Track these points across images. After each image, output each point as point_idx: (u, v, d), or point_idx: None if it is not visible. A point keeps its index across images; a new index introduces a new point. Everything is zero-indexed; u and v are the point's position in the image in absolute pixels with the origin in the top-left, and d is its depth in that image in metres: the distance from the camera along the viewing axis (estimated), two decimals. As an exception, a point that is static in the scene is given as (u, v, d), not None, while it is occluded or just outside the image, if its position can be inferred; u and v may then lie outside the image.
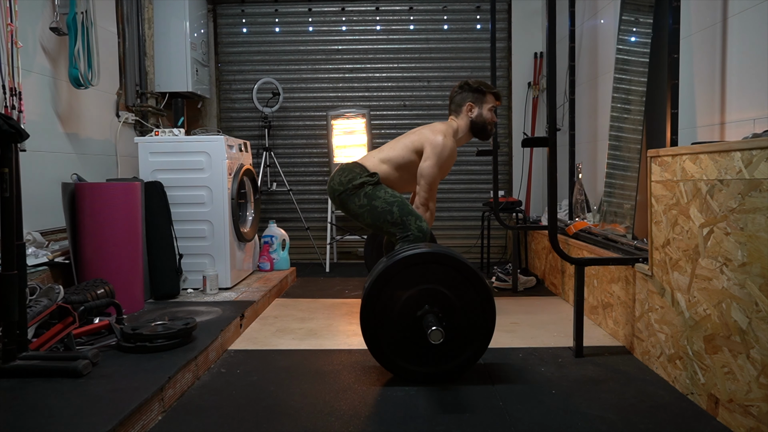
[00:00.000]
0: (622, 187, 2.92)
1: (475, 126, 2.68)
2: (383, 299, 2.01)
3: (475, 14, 4.78)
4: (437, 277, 2.01)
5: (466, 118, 2.67)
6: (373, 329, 2.02)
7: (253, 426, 1.72)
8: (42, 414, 1.60)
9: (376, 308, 2.01)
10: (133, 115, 3.85)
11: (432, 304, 1.99)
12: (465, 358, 2.04)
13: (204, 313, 2.72)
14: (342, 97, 4.86)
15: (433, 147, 2.53)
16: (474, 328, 2.03)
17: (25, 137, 1.93)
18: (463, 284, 2.01)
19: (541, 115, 4.63)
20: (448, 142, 2.56)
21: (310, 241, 4.73)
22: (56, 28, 2.98)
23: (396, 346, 2.03)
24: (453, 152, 2.59)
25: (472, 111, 2.65)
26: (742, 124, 2.15)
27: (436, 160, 2.53)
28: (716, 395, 1.73)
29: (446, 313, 2.00)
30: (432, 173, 2.53)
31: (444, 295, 2.00)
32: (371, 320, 2.02)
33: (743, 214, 1.58)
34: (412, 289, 2.01)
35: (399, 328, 2.02)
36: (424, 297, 2.00)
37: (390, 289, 2.01)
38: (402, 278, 2.01)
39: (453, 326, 2.01)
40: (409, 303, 2.01)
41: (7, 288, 1.85)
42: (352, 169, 2.62)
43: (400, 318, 2.01)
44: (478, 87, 2.67)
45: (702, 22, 2.42)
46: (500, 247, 4.86)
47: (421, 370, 2.04)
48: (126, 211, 2.78)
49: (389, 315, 2.02)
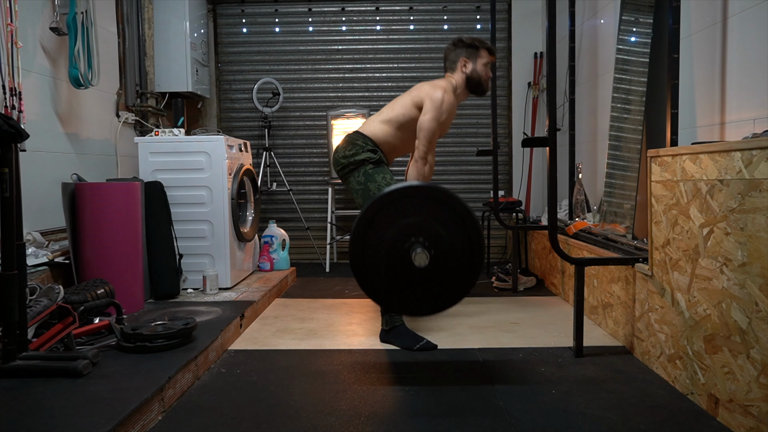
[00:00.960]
0: (622, 187, 2.92)
1: (471, 81, 2.67)
2: (372, 231, 1.95)
3: (475, 14, 4.78)
4: (427, 212, 1.94)
5: (461, 74, 2.67)
6: (362, 261, 1.97)
7: (253, 426, 1.73)
8: (42, 414, 1.60)
9: (365, 240, 1.95)
10: (133, 115, 3.85)
11: (421, 236, 1.93)
12: (452, 293, 1.99)
13: (204, 313, 2.72)
14: (342, 97, 4.86)
15: (433, 101, 2.54)
16: (462, 259, 1.97)
17: (25, 137, 1.93)
18: (453, 219, 1.94)
19: (541, 115, 4.63)
20: (448, 97, 2.55)
21: (310, 241, 4.73)
22: (56, 28, 2.98)
23: (383, 277, 1.98)
24: (452, 108, 2.58)
25: (466, 66, 2.66)
26: (742, 124, 2.15)
27: (435, 113, 2.52)
28: (716, 395, 1.73)
29: (434, 245, 1.93)
30: (431, 127, 2.52)
31: (433, 229, 1.94)
32: (360, 252, 1.96)
33: (743, 214, 1.58)
34: (401, 222, 1.94)
35: (387, 260, 1.96)
36: (412, 230, 1.94)
37: (379, 222, 1.95)
38: (391, 211, 1.94)
39: (441, 260, 1.95)
40: (398, 235, 1.94)
41: (7, 288, 1.85)
42: (355, 142, 2.61)
43: (389, 250, 1.95)
44: (471, 42, 2.67)
45: (702, 22, 2.42)
46: (500, 247, 4.86)
47: (406, 304, 2.01)
48: (126, 211, 2.78)
49: (378, 247, 1.95)
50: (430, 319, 2.91)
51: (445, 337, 2.58)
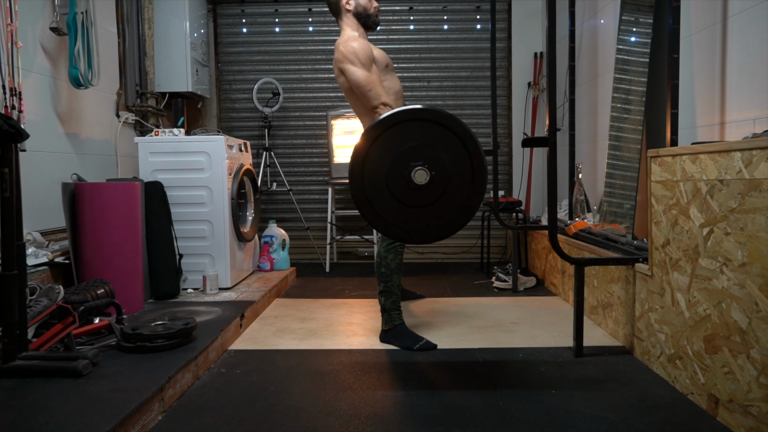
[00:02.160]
0: (622, 187, 2.92)
1: (360, 17, 2.63)
2: (373, 155, 1.93)
3: (475, 14, 4.78)
4: (428, 136, 1.93)
5: (348, 14, 2.63)
6: (363, 185, 1.95)
7: (253, 426, 1.73)
8: (42, 414, 1.60)
9: (365, 164, 1.93)
10: (133, 115, 3.85)
11: (422, 160, 1.92)
12: (453, 217, 1.98)
13: (204, 313, 2.72)
14: (342, 97, 4.85)
15: (339, 60, 2.49)
16: (463, 187, 1.96)
17: (25, 137, 1.93)
18: (454, 142, 1.93)
19: (541, 115, 4.63)
20: (348, 45, 2.49)
21: (310, 241, 4.73)
22: (56, 28, 2.98)
23: (384, 202, 1.96)
24: (361, 45, 2.50)
25: (348, 4, 2.63)
26: (742, 124, 2.15)
27: (349, 64, 2.46)
28: (716, 395, 1.73)
29: (436, 168, 1.92)
30: (358, 77, 2.44)
31: (434, 153, 1.92)
32: (360, 176, 1.94)
33: (743, 214, 1.58)
34: (402, 147, 1.93)
35: (388, 185, 1.95)
36: (414, 154, 1.93)
37: (380, 145, 1.93)
38: (392, 135, 1.93)
39: (442, 184, 1.94)
40: (399, 159, 1.93)
41: (7, 288, 1.85)
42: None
43: (390, 174, 1.94)
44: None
45: (702, 22, 2.41)
46: (500, 247, 4.86)
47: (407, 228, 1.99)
48: (126, 211, 2.78)
49: (378, 171, 1.94)
50: (431, 318, 2.91)
51: (445, 337, 2.58)
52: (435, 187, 1.94)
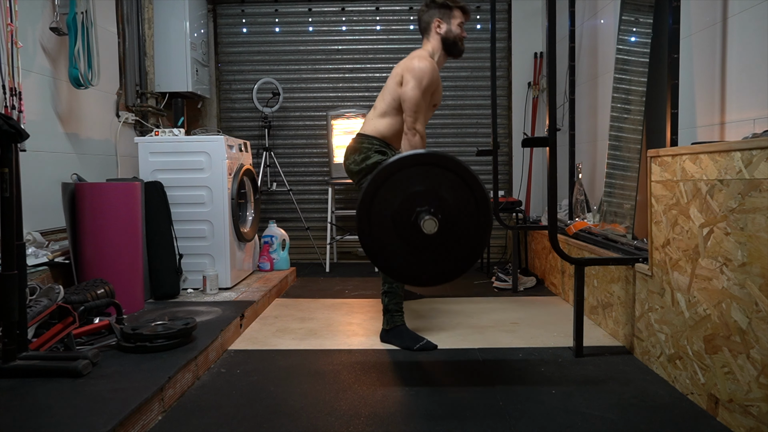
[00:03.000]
0: (622, 187, 2.92)
1: (446, 42, 2.63)
2: (380, 200, 1.95)
3: (475, 14, 4.78)
4: (434, 179, 1.94)
5: (436, 35, 2.63)
6: (369, 230, 1.96)
7: (253, 426, 1.73)
8: (42, 414, 1.60)
9: (372, 209, 1.95)
10: (133, 115, 3.85)
11: (428, 204, 1.94)
12: (460, 260, 2.00)
13: (204, 313, 2.72)
14: (342, 97, 4.86)
15: (411, 70, 2.51)
16: (470, 230, 1.97)
17: (25, 137, 1.93)
18: (460, 186, 1.94)
19: (541, 115, 4.63)
20: (423, 63, 2.51)
21: (310, 241, 4.73)
22: (56, 28, 2.98)
23: (391, 246, 1.98)
24: (433, 73, 2.54)
25: (440, 27, 2.62)
26: (742, 124, 2.15)
27: (415, 82, 2.49)
28: (716, 395, 1.73)
29: (442, 212, 1.94)
30: (414, 95, 2.48)
31: (440, 197, 1.94)
32: (367, 221, 1.95)
33: (743, 214, 1.58)
34: (409, 191, 1.94)
35: (395, 229, 1.96)
36: (420, 198, 1.94)
37: (387, 190, 1.94)
38: (399, 179, 1.94)
39: (448, 227, 1.95)
40: (406, 204, 1.94)
41: (7, 288, 1.85)
42: (362, 146, 2.59)
43: (396, 218, 1.95)
44: (443, 2, 2.62)
45: (702, 22, 2.42)
46: (500, 247, 4.86)
47: (415, 272, 2.01)
48: (126, 211, 2.78)
49: (385, 215, 1.95)
50: (431, 318, 2.91)
51: (445, 337, 2.58)
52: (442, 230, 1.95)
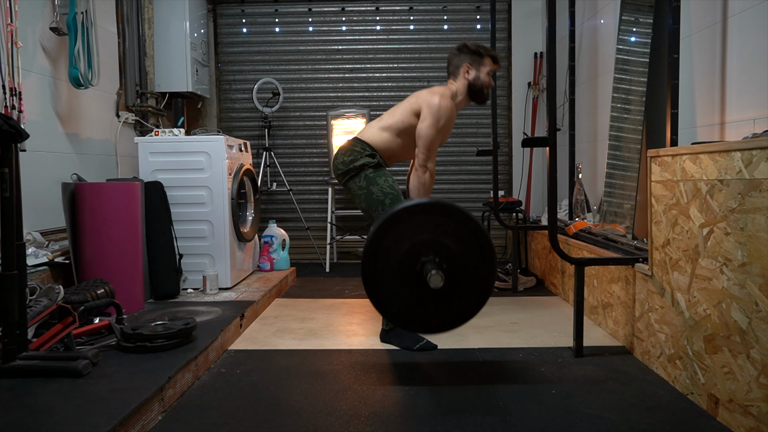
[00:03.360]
0: (622, 187, 2.92)
1: (473, 88, 2.65)
2: (384, 249, 1.96)
3: (475, 14, 4.78)
4: (439, 228, 1.96)
5: (463, 80, 2.65)
6: (374, 279, 1.98)
7: (253, 426, 1.73)
8: (42, 414, 1.60)
9: (377, 258, 1.96)
10: (133, 115, 3.85)
11: (433, 253, 1.95)
12: (465, 308, 2.01)
13: (204, 313, 2.72)
14: (342, 97, 4.86)
15: (430, 107, 2.52)
16: (475, 278, 1.98)
17: (25, 137, 1.93)
18: (465, 235, 1.96)
19: (541, 115, 4.63)
20: (445, 102, 2.53)
21: (310, 241, 4.73)
22: (56, 28, 2.98)
23: (396, 295, 1.99)
24: (451, 114, 2.56)
25: (469, 73, 2.63)
26: (742, 124, 2.15)
27: (433, 120, 2.51)
28: (716, 395, 1.73)
29: (447, 262, 1.95)
30: (429, 134, 2.50)
31: (445, 246, 1.95)
32: (372, 270, 1.97)
33: (743, 214, 1.58)
34: (413, 240, 1.96)
35: (400, 278, 1.98)
36: (425, 247, 1.96)
37: (391, 240, 1.96)
38: (403, 229, 1.96)
39: (454, 276, 1.96)
40: (411, 253, 1.96)
41: (7, 288, 1.85)
42: (353, 148, 2.60)
43: (401, 267, 1.97)
44: (476, 49, 2.64)
45: (702, 22, 2.42)
46: (500, 247, 4.86)
47: (420, 320, 2.02)
48: (126, 211, 2.78)
49: (390, 264, 1.97)
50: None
51: (445, 337, 2.58)
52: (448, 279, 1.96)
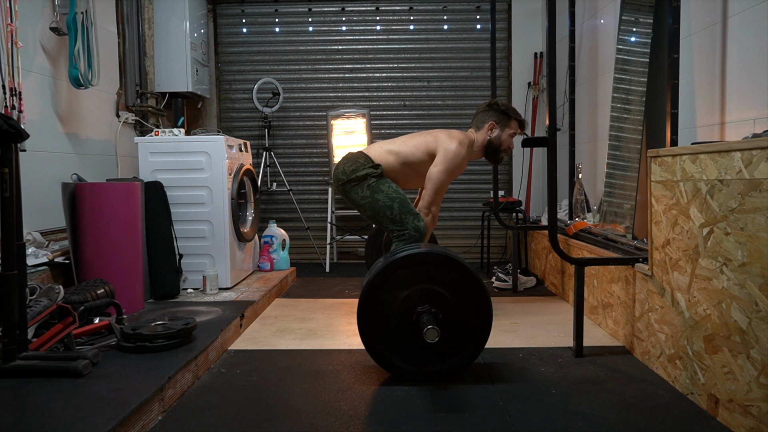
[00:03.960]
0: (622, 187, 2.92)
1: (491, 146, 2.68)
2: (380, 299, 2.02)
3: (475, 14, 4.78)
4: (434, 278, 2.01)
5: (485, 135, 2.67)
6: (371, 329, 2.03)
7: (253, 426, 1.72)
8: (42, 414, 1.60)
9: (373, 308, 2.02)
10: (133, 115, 3.85)
11: (428, 303, 2.00)
12: (462, 357, 2.05)
13: (204, 313, 2.72)
14: (342, 97, 4.86)
15: (446, 153, 2.54)
16: (471, 328, 2.03)
17: (25, 137, 1.93)
18: (460, 284, 2.01)
19: (541, 115, 4.63)
20: (461, 151, 2.56)
21: (310, 241, 4.73)
22: (56, 28, 2.98)
23: (393, 345, 2.04)
24: (463, 162, 2.60)
25: (492, 131, 2.66)
26: (742, 124, 2.15)
27: (446, 166, 2.53)
28: (716, 395, 1.73)
29: (443, 312, 2.00)
30: (441, 179, 2.55)
31: (440, 295, 2.01)
32: (368, 320, 2.03)
33: (743, 214, 1.58)
34: (409, 289, 2.01)
35: (396, 328, 2.03)
36: (420, 297, 2.01)
37: (387, 289, 2.02)
38: (398, 278, 2.02)
39: (450, 326, 2.01)
40: (406, 303, 2.01)
41: (7, 288, 1.85)
42: (357, 159, 2.61)
43: (397, 317, 2.02)
44: (505, 110, 2.68)
45: (702, 22, 2.42)
46: (500, 247, 4.86)
47: (417, 370, 2.05)
48: (126, 211, 2.78)
49: (386, 315, 2.02)
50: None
51: (445, 337, 2.58)
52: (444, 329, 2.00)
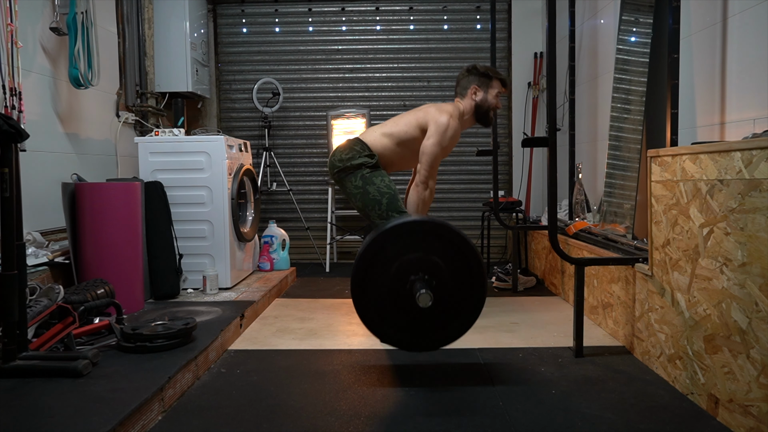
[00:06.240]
0: (622, 187, 2.92)
1: (479, 110, 2.67)
2: (374, 268, 1.97)
3: (475, 14, 4.78)
4: (429, 247, 1.96)
5: (470, 101, 2.67)
6: (364, 298, 1.98)
7: (253, 426, 1.73)
8: (42, 414, 1.60)
9: (367, 276, 1.97)
10: (133, 115, 3.85)
11: (422, 272, 1.96)
12: (455, 327, 2.01)
13: (204, 313, 2.72)
14: (342, 97, 4.86)
15: (438, 126, 2.53)
16: (465, 297, 1.99)
17: (25, 137, 1.93)
18: (456, 254, 1.96)
19: (541, 115, 4.63)
20: (453, 122, 2.55)
21: (310, 241, 4.73)
22: (56, 28, 2.98)
23: (386, 313, 1.99)
24: (456, 133, 2.59)
25: (476, 94, 2.65)
26: (742, 124, 2.15)
27: (439, 138, 2.52)
28: (716, 395, 1.73)
29: (437, 280, 1.96)
30: (434, 152, 2.53)
31: (435, 264, 1.96)
32: (362, 288, 1.98)
33: (743, 214, 1.58)
34: (403, 258, 1.96)
35: (389, 296, 1.98)
36: (414, 265, 1.96)
37: (381, 258, 1.97)
38: (393, 247, 1.97)
39: (443, 294, 1.96)
40: (400, 271, 1.96)
41: (7, 288, 1.85)
42: (353, 147, 2.61)
43: (391, 286, 1.97)
44: (485, 72, 2.67)
45: (702, 22, 2.42)
46: (500, 247, 4.86)
47: (411, 339, 2.02)
48: (126, 211, 2.78)
49: (380, 283, 1.97)
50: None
51: (445, 337, 2.58)
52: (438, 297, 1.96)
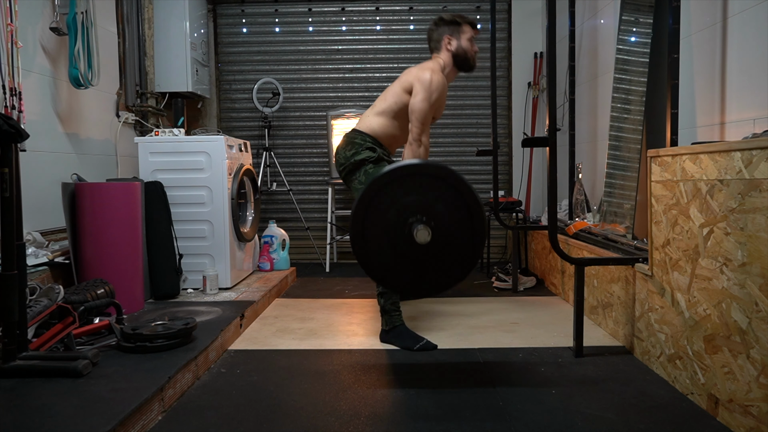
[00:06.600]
0: (622, 187, 2.92)
1: (457, 58, 2.67)
2: (372, 212, 1.94)
3: (475, 14, 4.78)
4: (425, 189, 1.94)
5: (446, 52, 2.67)
6: (363, 243, 1.96)
7: (253, 426, 1.73)
8: (42, 414, 1.60)
9: (366, 220, 1.94)
10: (133, 115, 3.85)
11: (420, 214, 1.93)
12: (453, 272, 1.99)
13: (204, 313, 2.72)
14: (342, 97, 4.86)
15: (422, 82, 2.53)
16: (463, 240, 1.96)
17: (25, 137, 1.93)
18: (453, 195, 1.94)
19: (541, 115, 4.63)
20: (436, 77, 2.54)
21: (310, 241, 4.73)
22: (56, 28, 2.98)
23: (385, 257, 1.97)
24: (443, 87, 2.57)
25: (450, 44, 2.65)
26: (742, 124, 2.15)
27: (425, 95, 2.51)
28: (716, 395, 1.73)
29: (435, 222, 1.93)
30: (422, 107, 2.51)
31: (432, 206, 1.94)
32: (361, 233, 1.95)
33: (743, 214, 1.58)
34: (401, 201, 1.94)
35: (388, 240, 1.96)
36: (412, 209, 1.94)
37: (381, 200, 1.94)
38: (391, 190, 1.94)
39: (443, 235, 1.94)
40: (399, 213, 1.94)
41: (7, 288, 1.85)
42: (353, 140, 2.61)
43: (389, 231, 1.95)
44: (452, 19, 2.67)
45: (702, 22, 2.42)
46: (500, 247, 4.86)
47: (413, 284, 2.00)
48: (126, 211, 2.78)
49: (379, 226, 1.95)
50: (431, 318, 2.91)
51: (445, 337, 2.58)
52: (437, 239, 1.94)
